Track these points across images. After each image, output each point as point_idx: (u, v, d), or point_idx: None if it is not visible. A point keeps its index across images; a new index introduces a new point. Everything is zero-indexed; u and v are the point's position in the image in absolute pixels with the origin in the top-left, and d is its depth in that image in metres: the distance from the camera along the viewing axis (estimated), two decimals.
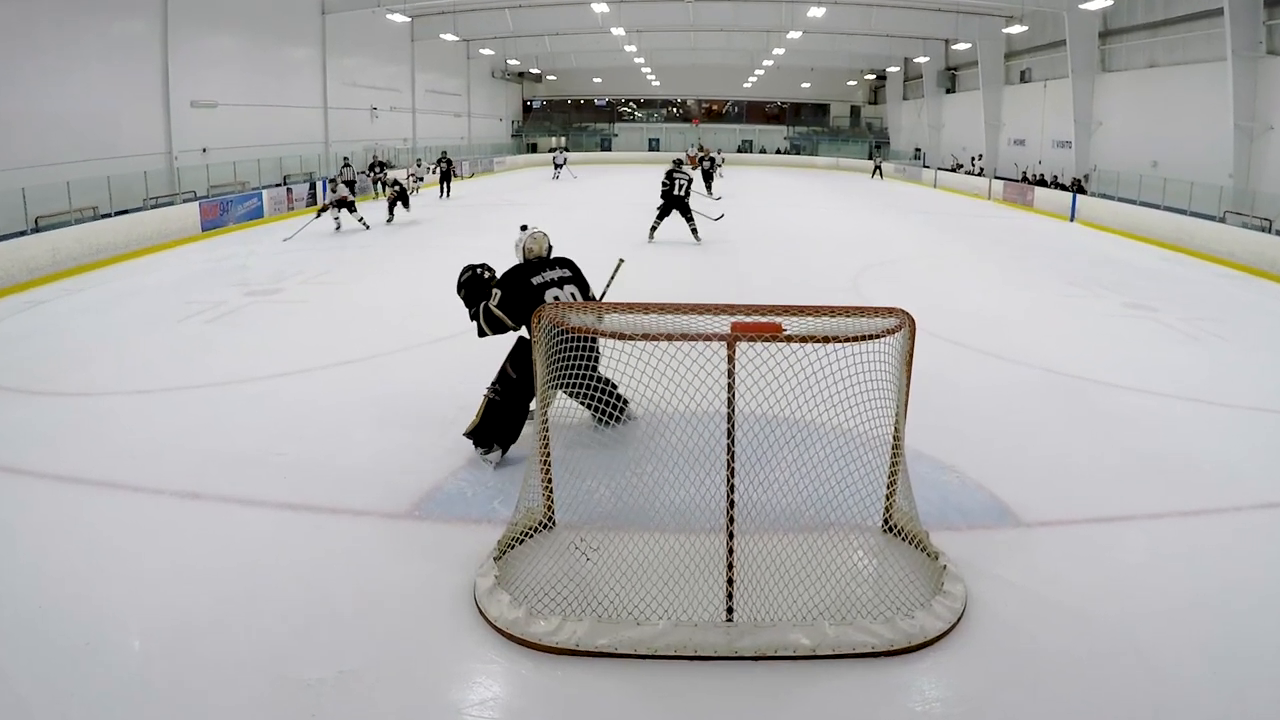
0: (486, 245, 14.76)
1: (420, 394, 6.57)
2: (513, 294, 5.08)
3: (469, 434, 5.27)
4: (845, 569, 3.82)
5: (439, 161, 24.88)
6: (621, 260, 5.45)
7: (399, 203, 18.67)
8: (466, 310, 5.37)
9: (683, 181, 14.57)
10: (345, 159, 23.27)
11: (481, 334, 5.21)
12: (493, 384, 5.23)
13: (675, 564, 3.86)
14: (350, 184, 21.17)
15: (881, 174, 37.02)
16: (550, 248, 5.45)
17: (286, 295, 10.49)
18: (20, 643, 3.44)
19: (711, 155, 26.90)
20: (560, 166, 32.62)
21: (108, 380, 6.93)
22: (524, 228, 5.48)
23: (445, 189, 24.33)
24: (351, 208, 16.36)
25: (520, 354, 5.14)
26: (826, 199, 26.56)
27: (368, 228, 16.47)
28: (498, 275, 5.34)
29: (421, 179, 24.41)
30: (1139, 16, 22.62)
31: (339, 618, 3.63)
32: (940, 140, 38.36)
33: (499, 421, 5.18)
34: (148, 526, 4.45)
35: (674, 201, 14.62)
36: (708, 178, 24.84)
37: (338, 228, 16.20)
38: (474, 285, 5.36)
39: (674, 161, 15.48)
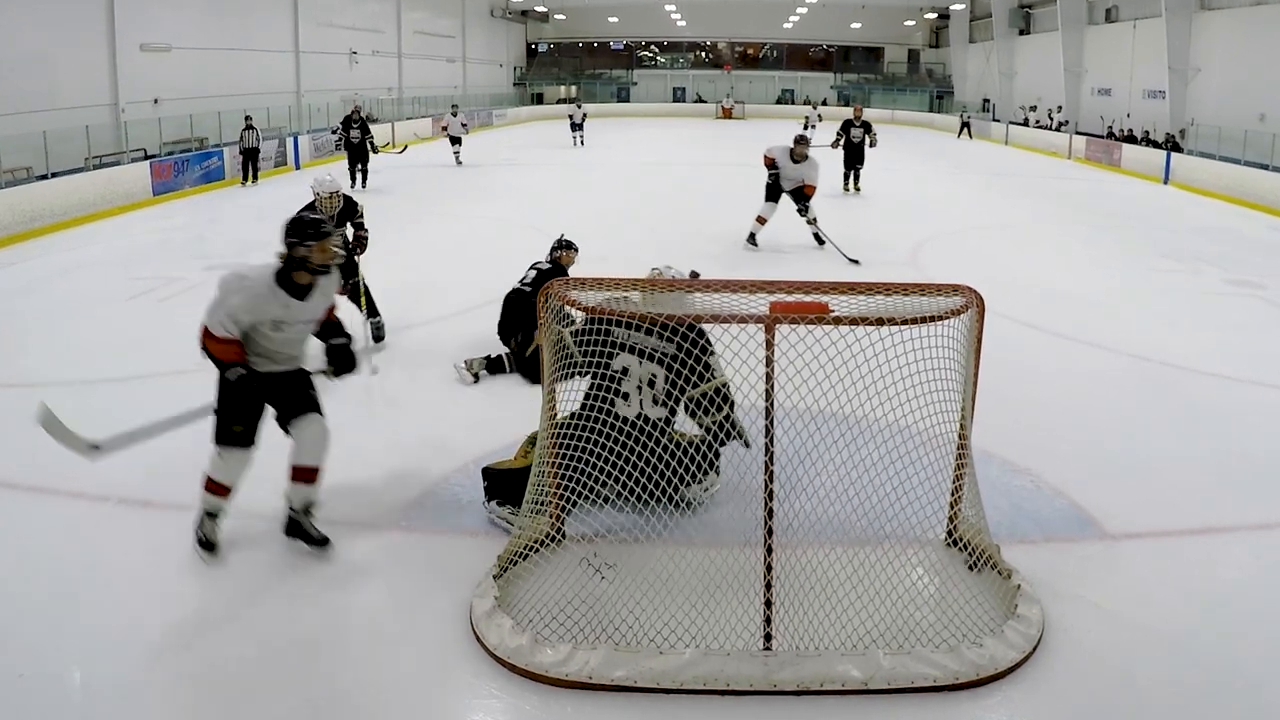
0: (491, 214, 14.80)
1: (408, 384, 6.58)
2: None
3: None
4: (902, 589, 3.81)
5: (346, 123, 17.73)
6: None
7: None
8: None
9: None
10: (247, 117, 18.33)
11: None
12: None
13: (704, 583, 3.84)
14: (252, 152, 18.20)
15: (970, 133, 35.03)
16: None
17: None
18: None
19: (865, 118, 17.82)
20: (579, 127, 28.48)
21: (44, 369, 6.98)
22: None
23: (359, 172, 17.53)
24: None
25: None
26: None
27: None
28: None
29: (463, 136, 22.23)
30: None
31: (311, 645, 3.64)
32: (1012, 90, 38.03)
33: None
34: (90, 538, 4.48)
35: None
36: (854, 158, 17.48)
37: None
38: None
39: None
